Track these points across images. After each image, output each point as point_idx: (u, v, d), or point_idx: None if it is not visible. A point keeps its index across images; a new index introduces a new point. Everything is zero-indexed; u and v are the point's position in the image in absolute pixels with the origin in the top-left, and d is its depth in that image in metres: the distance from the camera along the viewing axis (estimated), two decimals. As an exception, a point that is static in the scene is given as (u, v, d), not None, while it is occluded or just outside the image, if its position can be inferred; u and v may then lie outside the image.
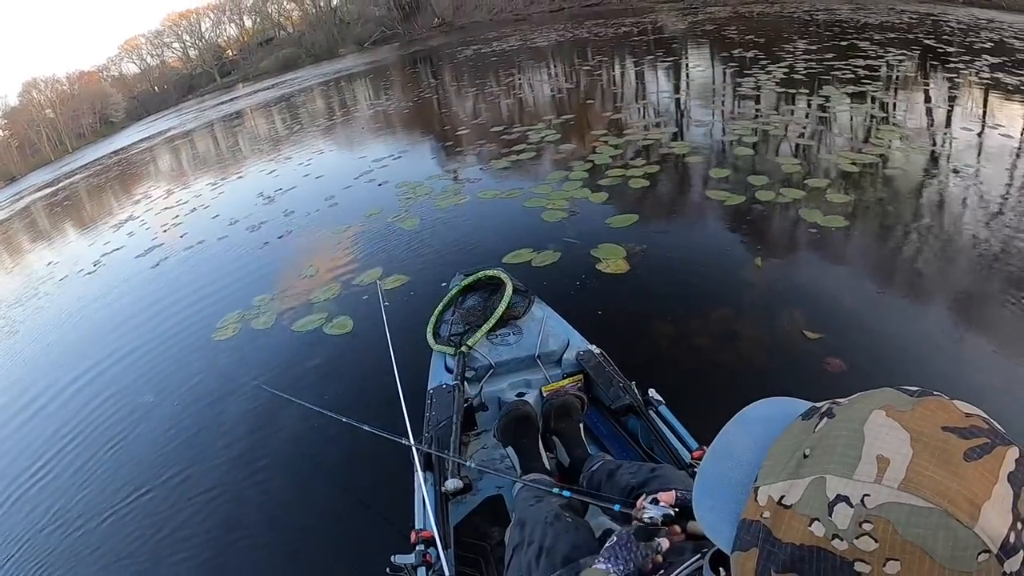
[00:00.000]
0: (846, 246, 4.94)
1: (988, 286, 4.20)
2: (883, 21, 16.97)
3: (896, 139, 7.16)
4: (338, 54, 48.34)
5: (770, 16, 21.54)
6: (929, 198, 5.74)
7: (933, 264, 4.66)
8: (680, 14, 26.63)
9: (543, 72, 17.53)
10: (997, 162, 6.35)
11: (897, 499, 0.52)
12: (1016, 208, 5.31)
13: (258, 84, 43.97)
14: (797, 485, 0.59)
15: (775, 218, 5.51)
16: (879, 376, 3.36)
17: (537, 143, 9.12)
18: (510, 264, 5.21)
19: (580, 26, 27.81)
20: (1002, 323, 3.80)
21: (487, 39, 30.43)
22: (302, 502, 3.37)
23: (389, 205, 7.56)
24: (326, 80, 30.48)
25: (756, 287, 4.50)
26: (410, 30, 48.65)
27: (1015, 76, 9.80)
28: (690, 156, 7.42)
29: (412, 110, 15.23)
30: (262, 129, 19.39)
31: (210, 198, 10.94)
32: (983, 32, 14.22)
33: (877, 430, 0.56)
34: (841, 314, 4.06)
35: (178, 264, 7.70)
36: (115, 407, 4.77)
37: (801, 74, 11.18)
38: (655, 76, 13.50)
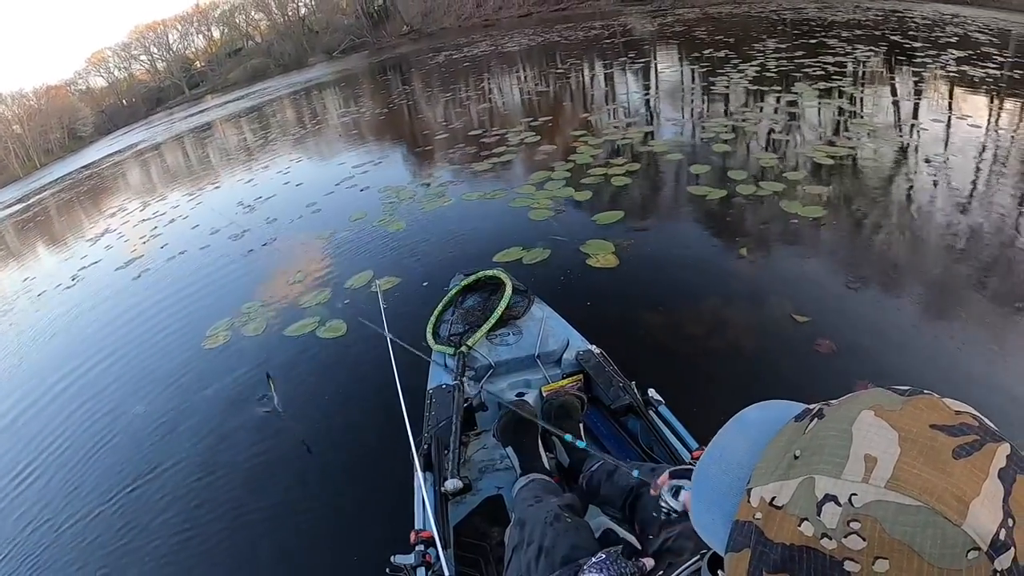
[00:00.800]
0: (826, 234, 5.11)
1: (958, 267, 4.41)
2: (849, 19, 17.31)
3: (867, 132, 7.39)
4: (307, 63, 48.07)
5: (738, 16, 21.84)
6: (901, 186, 5.95)
7: (907, 247, 4.83)
8: (649, 17, 26.92)
9: (516, 76, 17.64)
10: (965, 151, 6.63)
11: (884, 497, 0.52)
12: (982, 194, 5.56)
13: (228, 95, 43.58)
14: (787, 486, 0.59)
15: (756, 210, 5.65)
16: (867, 354, 3.54)
17: (516, 145, 9.20)
18: (501, 262, 5.27)
19: (550, 30, 27.96)
20: (972, 300, 4.00)
21: (457, 45, 30.49)
22: (302, 503, 3.38)
23: (373, 209, 7.56)
24: (297, 90, 30.26)
25: (743, 276, 4.62)
26: (379, 38, 48.57)
27: (980, 69, 10.10)
28: (669, 154, 7.55)
29: (388, 117, 15.22)
30: (235, 140, 19.22)
31: (188, 209, 10.81)
32: (948, 27, 14.59)
33: (866, 429, 0.57)
34: (827, 297, 4.22)
35: (160, 275, 7.60)
36: (104, 420, 4.72)
37: (772, 72, 11.39)
38: (629, 78, 13.64)
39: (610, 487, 1.92)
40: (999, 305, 3.91)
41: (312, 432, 3.90)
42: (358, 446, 3.64)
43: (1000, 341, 3.56)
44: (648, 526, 1.60)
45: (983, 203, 5.38)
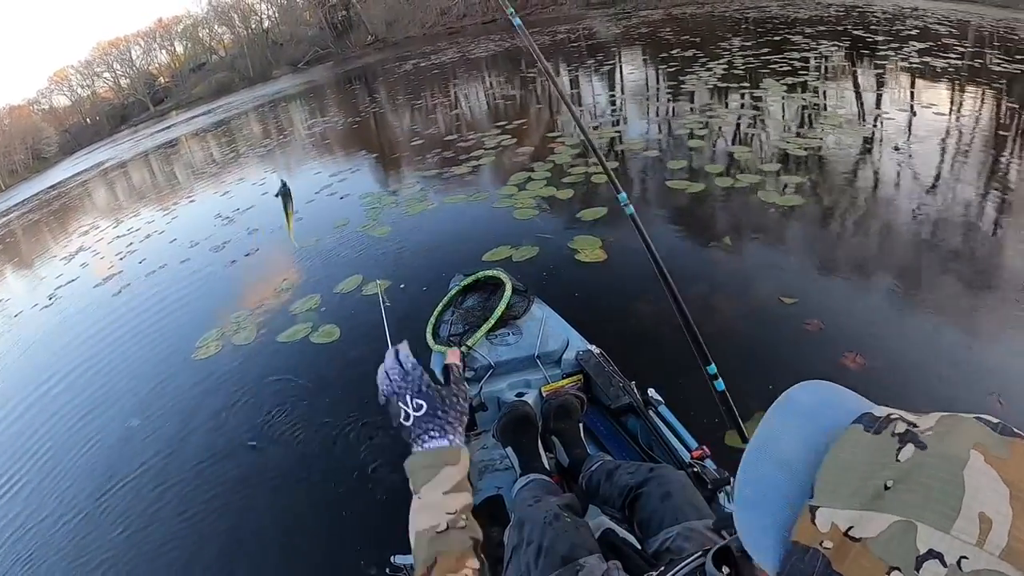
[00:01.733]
0: (804, 220, 5.35)
1: (927, 244, 4.69)
2: (812, 15, 17.66)
3: (836, 124, 7.62)
4: (272, 76, 47.78)
5: (702, 16, 22.16)
6: (871, 173, 6.18)
7: (880, 229, 5.07)
8: (613, 19, 27.21)
9: (487, 81, 17.72)
10: (930, 139, 6.93)
11: (998, 568, 0.47)
12: (947, 178, 5.87)
13: (193, 110, 43.14)
14: (873, 519, 0.52)
15: (735, 201, 5.81)
16: (851, 329, 3.74)
17: (493, 148, 9.26)
18: (490, 261, 5.33)
19: (516, 36, 28.04)
20: (940, 274, 4.28)
21: (424, 53, 30.53)
22: (302, 503, 3.40)
23: (355, 216, 7.57)
24: (264, 103, 29.99)
25: (729, 263, 4.78)
26: (344, 48, 48.52)
27: (942, 59, 10.41)
28: (646, 151, 7.71)
29: (361, 126, 15.18)
30: (205, 155, 19.04)
31: (164, 224, 10.69)
32: (908, 20, 14.96)
33: (978, 480, 0.50)
34: (810, 279, 4.42)
35: (142, 290, 7.50)
36: (99, 437, 4.65)
37: (740, 69, 11.62)
38: (601, 79, 13.81)
39: (609, 487, 1.92)
40: (965, 279, 4.18)
41: (312, 433, 3.91)
42: (358, 446, 3.66)
43: (968, 311, 3.84)
44: (647, 526, 1.64)
45: (948, 186, 5.69)
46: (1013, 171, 5.91)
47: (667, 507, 1.63)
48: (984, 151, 6.40)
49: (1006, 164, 6.05)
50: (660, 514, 1.62)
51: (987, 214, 5.13)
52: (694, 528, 1.47)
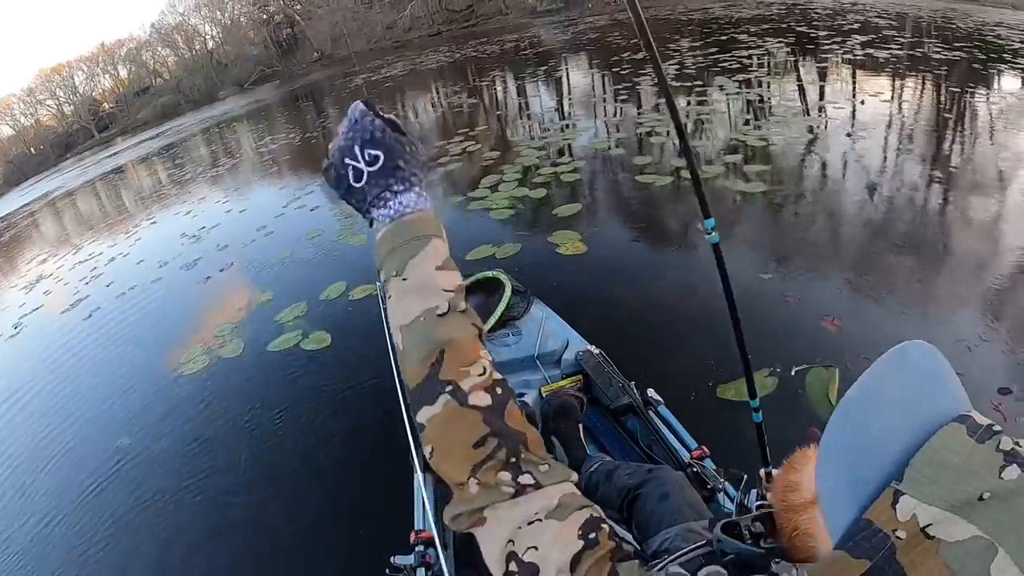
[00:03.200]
0: (771, 204, 5.70)
1: (884, 219, 5.15)
2: (755, 15, 18.17)
3: (790, 115, 8.04)
4: (218, 97, 46.97)
5: (648, 20, 22.32)
6: (828, 157, 6.65)
7: (841, 206, 5.52)
8: (560, 27, 27.54)
9: (443, 90, 17.78)
10: (879, 125, 7.44)
11: None
12: (896, 160, 6.39)
13: (139, 136, 42.20)
14: (955, 524, 0.49)
15: (705, 190, 5.98)
16: (826, 297, 4.10)
17: (459, 154, 9.37)
18: (475, 259, 5.44)
19: (464, 46, 28.25)
20: (896, 248, 4.66)
21: (373, 67, 30.49)
22: (302, 504, 3.43)
23: (329, 226, 7.59)
24: (212, 125, 29.51)
25: (704, 247, 4.93)
26: (290, 66, 48.16)
27: (884, 50, 10.89)
28: (611, 150, 7.97)
29: (322, 141, 15.05)
30: (159, 178, 18.59)
31: (127, 246, 10.49)
32: (849, 15, 15.56)
33: None
34: (784, 256, 4.74)
35: (114, 312, 7.37)
36: (87, 458, 4.56)
37: (692, 69, 11.99)
38: (557, 84, 14.09)
39: (608, 488, 1.91)
40: (917, 249, 4.61)
41: (312, 436, 3.94)
42: (358, 448, 3.69)
43: (918, 276, 4.29)
44: (645, 527, 1.63)
45: (896, 166, 6.20)
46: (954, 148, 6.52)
47: (665, 508, 1.64)
48: (927, 133, 6.97)
49: (948, 143, 6.66)
50: (658, 515, 1.63)
51: (933, 188, 5.66)
52: (692, 529, 1.47)
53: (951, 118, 7.46)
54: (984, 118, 7.41)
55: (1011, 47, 11.05)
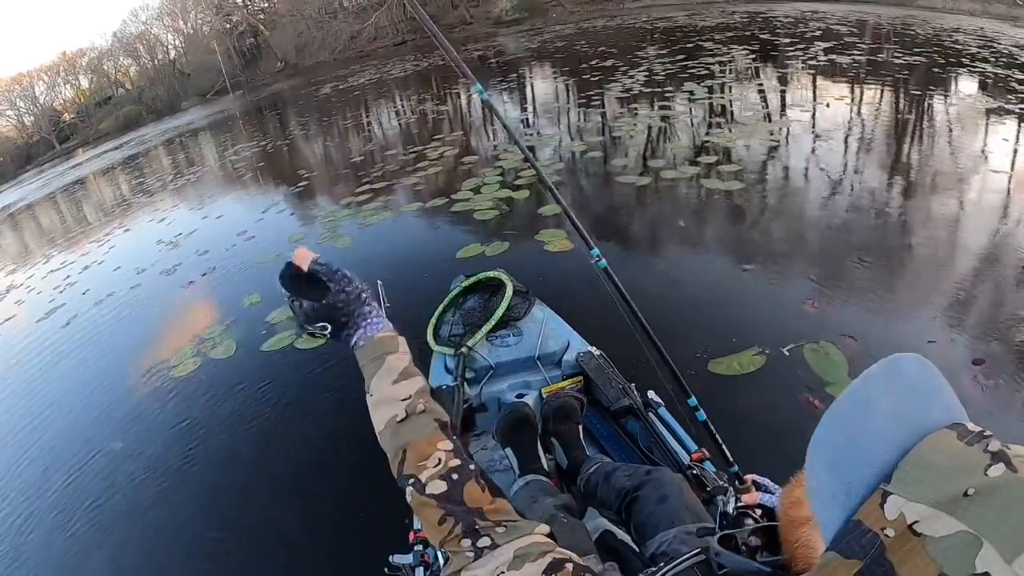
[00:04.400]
0: (749, 200, 6.00)
1: (854, 211, 5.53)
2: (718, 23, 18.59)
3: (760, 118, 8.40)
4: (181, 108, 46.25)
5: (613, 28, 22.92)
6: (797, 156, 7.03)
7: (813, 201, 5.91)
8: (526, 36, 27.74)
9: (413, 98, 17.83)
10: (844, 126, 7.93)
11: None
12: (859, 158, 6.89)
13: (101, 147, 41.28)
14: (942, 521, 0.50)
15: (682, 189, 6.39)
16: (807, 283, 4.41)
17: (438, 159, 9.45)
18: (465, 258, 5.56)
19: (430, 55, 28.22)
20: (868, 235, 5.05)
21: (339, 76, 30.28)
22: (300, 503, 3.45)
23: (312, 229, 7.62)
24: (176, 135, 28.90)
25: (687, 239, 5.38)
26: (254, 77, 47.70)
27: (846, 56, 11.29)
28: (589, 152, 8.16)
29: (295, 148, 15.04)
30: (126, 188, 18.16)
31: (101, 254, 10.30)
32: (810, 23, 16.03)
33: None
34: (764, 246, 5.06)
35: (94, 319, 7.25)
36: (83, 465, 4.47)
37: (661, 75, 12.28)
38: (530, 90, 14.30)
39: (607, 489, 1.91)
40: (888, 237, 5.02)
41: (310, 434, 3.97)
42: (357, 447, 3.69)
43: (889, 261, 4.63)
44: (643, 530, 1.64)
45: (859, 163, 6.72)
46: (916, 147, 6.98)
47: (663, 511, 1.63)
48: (890, 134, 7.46)
49: (909, 142, 7.13)
50: (656, 518, 1.62)
51: (899, 182, 6.14)
52: (690, 532, 1.46)
53: (912, 119, 7.91)
54: (943, 119, 7.89)
55: (968, 51, 11.54)
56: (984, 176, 6.05)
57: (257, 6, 50.10)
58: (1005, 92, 8.77)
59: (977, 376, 3.25)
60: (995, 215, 5.22)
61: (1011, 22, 15.32)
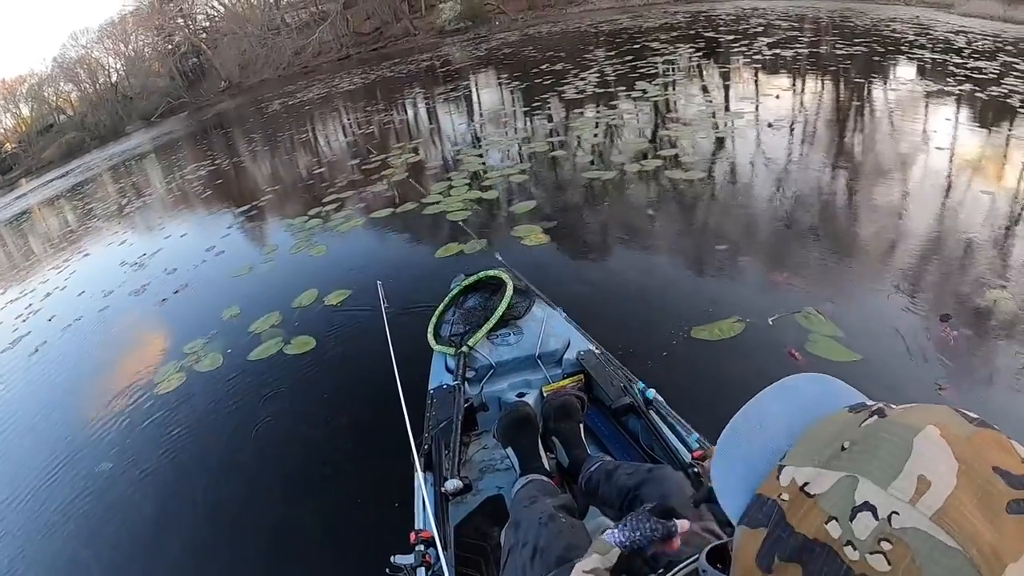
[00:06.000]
0: (713, 187, 6.33)
1: (809, 192, 5.94)
2: (662, 23, 19.01)
3: (715, 111, 8.80)
4: (125, 132, 45.26)
5: (558, 33, 23.23)
6: (754, 141, 7.44)
7: (769, 179, 6.33)
8: (472, 44, 27.91)
9: (368, 109, 17.72)
10: (793, 116, 8.38)
11: (926, 528, 0.49)
12: (809, 144, 7.32)
13: (45, 176, 39.97)
14: (826, 476, 0.56)
15: (647, 182, 6.67)
16: (776, 258, 4.74)
17: (401, 165, 9.53)
18: (444, 256, 5.70)
19: (377, 68, 28.23)
20: (819, 207, 5.57)
21: (287, 92, 30.00)
22: (302, 503, 3.48)
23: (284, 241, 7.60)
24: (122, 160, 28.11)
25: (659, 227, 5.66)
26: (197, 97, 47.02)
27: (789, 49, 11.71)
28: (553, 151, 8.37)
29: (252, 164, 14.89)
30: (79, 214, 17.56)
31: (62, 280, 10.03)
32: (752, 19, 16.52)
33: (927, 447, 0.53)
34: (734, 227, 5.34)
35: (64, 345, 7.10)
36: (74, 486, 4.38)
37: (612, 76, 12.59)
38: (484, 96, 14.41)
39: (608, 488, 1.91)
40: (845, 212, 5.44)
41: (308, 438, 3.98)
42: (358, 448, 3.73)
43: (849, 235, 4.97)
44: None
45: (809, 148, 7.14)
46: (864, 130, 7.49)
47: None
48: (836, 120, 7.95)
49: (853, 127, 7.61)
50: None
51: (852, 163, 6.54)
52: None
53: (857, 105, 8.40)
54: (885, 103, 8.41)
55: (906, 39, 12.06)
56: (930, 153, 6.55)
57: (199, 25, 49.44)
58: (944, 76, 9.23)
59: (945, 330, 3.53)
60: (943, 190, 5.66)
61: (945, 9, 16.09)
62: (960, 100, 8.18)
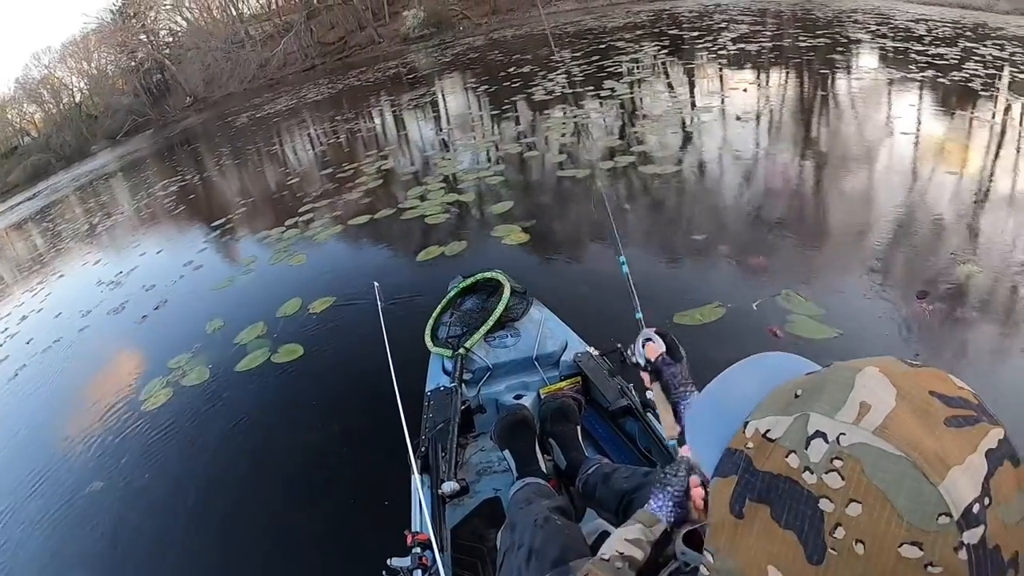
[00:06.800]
0: (686, 181, 6.53)
1: (782, 180, 6.17)
2: (626, 23, 19.23)
3: (683, 107, 9.00)
4: (90, 152, 44.57)
5: (522, 37, 23.39)
6: (721, 135, 7.67)
7: (741, 170, 6.55)
8: (437, 50, 28.02)
9: (338, 118, 17.61)
10: (762, 106, 8.59)
11: (870, 441, 0.54)
12: (780, 133, 7.61)
13: (11, 199, 39.02)
14: (783, 421, 0.61)
15: (621, 177, 6.84)
16: (752, 243, 4.91)
17: (376, 173, 9.56)
18: (425, 260, 5.78)
19: (344, 77, 28.12)
20: (798, 199, 5.79)
21: (255, 105, 29.72)
22: (299, 507, 3.49)
23: (262, 252, 7.60)
24: (89, 181, 27.55)
25: (637, 221, 5.84)
26: (163, 113, 46.56)
27: (754, 44, 11.94)
28: (526, 153, 8.50)
29: (224, 178, 14.78)
30: (49, 237, 17.21)
31: (38, 303, 9.89)
32: (715, 15, 16.79)
33: (867, 380, 0.58)
34: (712, 217, 5.56)
35: (44, 366, 6.99)
36: (60, 507, 4.34)
37: (580, 76, 12.70)
38: (451, 101, 14.58)
39: (605, 490, 1.91)
40: (818, 197, 5.72)
41: (304, 444, 4.00)
42: (354, 451, 3.75)
43: (824, 220, 5.20)
44: None
45: (782, 137, 7.43)
46: (826, 120, 7.78)
47: None
48: (803, 110, 8.23)
49: (820, 116, 7.90)
50: None
51: (821, 151, 6.78)
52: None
53: (823, 95, 8.68)
54: (850, 92, 8.69)
55: (868, 29, 12.37)
56: (896, 138, 6.77)
57: (162, 41, 48.93)
58: (906, 64, 9.50)
59: (922, 305, 3.70)
60: (910, 172, 5.90)
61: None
62: (923, 86, 8.43)
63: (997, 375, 3.30)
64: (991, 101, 7.64)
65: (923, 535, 0.50)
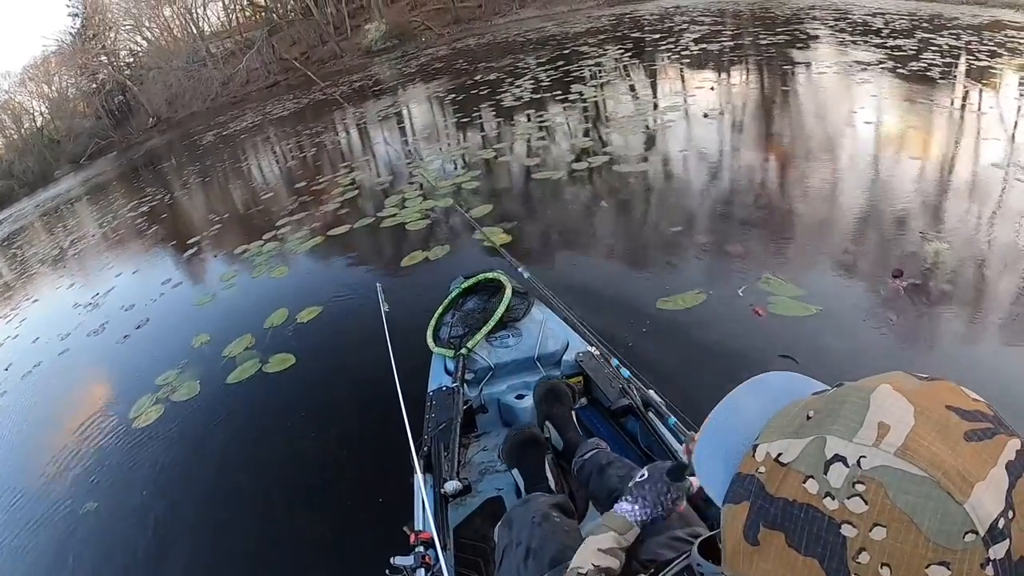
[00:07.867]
0: (660, 176, 6.78)
1: (753, 172, 6.44)
2: (588, 27, 19.50)
3: (651, 106, 9.29)
4: (54, 178, 43.79)
5: (487, 45, 23.53)
6: (694, 132, 7.90)
7: (712, 164, 6.79)
8: (401, 62, 28.05)
9: (306, 133, 17.55)
10: (728, 103, 8.91)
11: (892, 464, 0.53)
12: (748, 128, 7.90)
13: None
14: (796, 444, 0.60)
15: (596, 177, 7.01)
16: (728, 232, 5.13)
17: (351, 184, 9.58)
18: (410, 264, 5.86)
19: (308, 92, 27.90)
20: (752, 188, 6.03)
21: (219, 123, 29.40)
22: (302, 506, 3.53)
23: (241, 267, 7.59)
24: (55, 206, 27.20)
25: (614, 215, 6.05)
26: (126, 135, 46.01)
27: (715, 43, 12.23)
28: (500, 158, 8.65)
29: (196, 197, 14.59)
30: (16, 264, 17.12)
31: (13, 329, 9.73)
32: (676, 17, 17.10)
33: (883, 400, 0.57)
34: (686, 210, 5.80)
35: (25, 392, 6.93)
36: (55, 531, 4.27)
37: (547, 82, 12.92)
38: (420, 111, 14.68)
39: (598, 484, 1.92)
40: (789, 188, 5.92)
41: (304, 450, 4.03)
42: (357, 451, 3.78)
43: (796, 209, 5.45)
44: None
45: (750, 132, 7.72)
46: (791, 113, 8.18)
47: None
48: (765, 106, 8.52)
49: (785, 109, 8.29)
50: None
51: (777, 144, 7.05)
52: (678, 537, 1.44)
53: (786, 89, 9.04)
54: (813, 85, 9.09)
55: (827, 23, 12.70)
56: (859, 127, 7.10)
57: (122, 62, 48.39)
58: (866, 55, 9.89)
59: (897, 283, 3.95)
60: (876, 159, 6.20)
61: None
62: (883, 77, 8.74)
63: (970, 346, 3.48)
64: (949, 88, 7.97)
65: (950, 554, 0.50)
